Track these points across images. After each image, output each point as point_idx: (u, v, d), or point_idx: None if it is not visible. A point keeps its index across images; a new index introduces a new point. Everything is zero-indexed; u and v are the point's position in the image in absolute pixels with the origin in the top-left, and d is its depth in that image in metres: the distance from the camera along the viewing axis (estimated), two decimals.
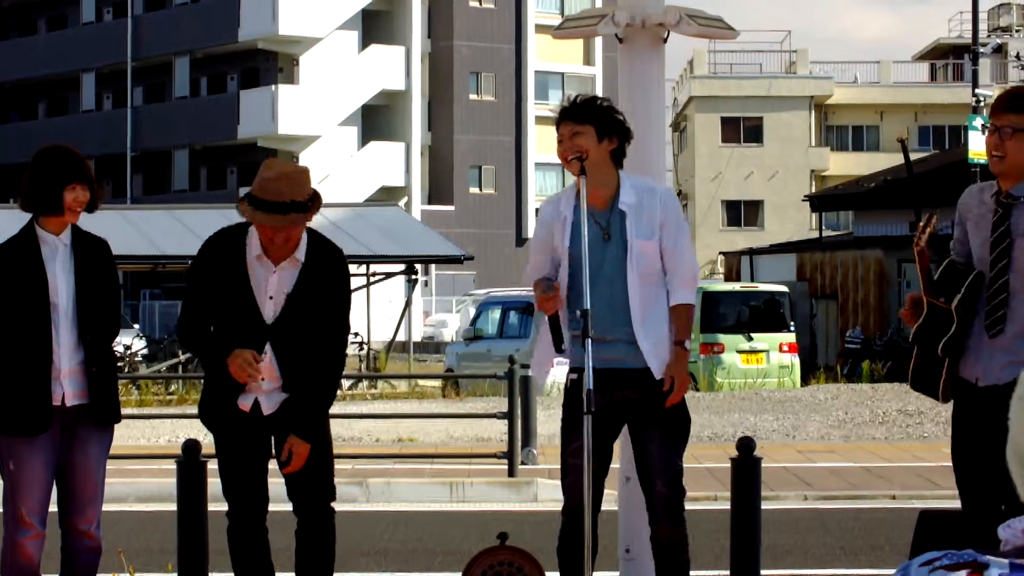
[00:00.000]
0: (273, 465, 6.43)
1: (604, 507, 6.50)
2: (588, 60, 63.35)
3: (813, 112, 65.94)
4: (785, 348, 27.17)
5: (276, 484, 6.47)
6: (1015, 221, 6.15)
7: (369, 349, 31.51)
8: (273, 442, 6.44)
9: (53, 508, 6.50)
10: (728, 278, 38.23)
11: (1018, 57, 55.64)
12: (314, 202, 6.26)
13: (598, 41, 59.80)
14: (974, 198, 6.38)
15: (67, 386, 6.35)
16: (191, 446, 7.43)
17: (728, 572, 7.45)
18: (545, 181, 62.21)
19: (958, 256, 6.46)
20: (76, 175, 6.38)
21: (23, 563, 6.39)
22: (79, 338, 6.35)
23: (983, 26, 53.18)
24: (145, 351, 34.23)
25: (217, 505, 7.44)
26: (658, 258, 6.40)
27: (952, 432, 6.34)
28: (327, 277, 6.35)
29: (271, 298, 6.30)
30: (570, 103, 6.45)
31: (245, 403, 6.36)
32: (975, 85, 34.45)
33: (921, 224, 6.33)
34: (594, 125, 6.36)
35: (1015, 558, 2.21)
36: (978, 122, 30.91)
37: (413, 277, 31.84)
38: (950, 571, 2.09)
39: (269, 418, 6.38)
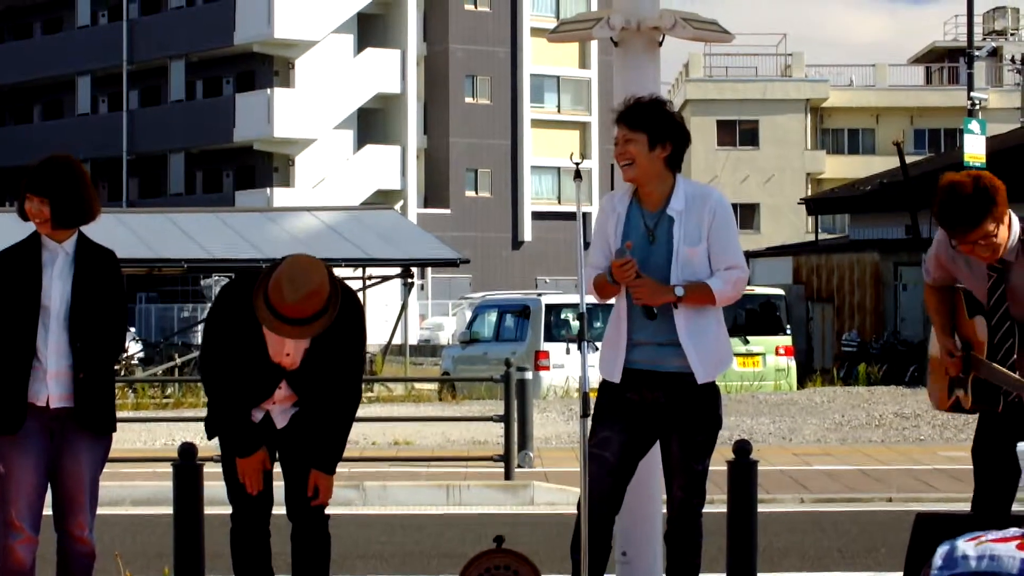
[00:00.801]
0: (276, 468, 6.43)
1: None
2: (583, 63, 63.34)
3: (809, 115, 66.02)
4: (781, 351, 27.18)
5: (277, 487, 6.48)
6: (1012, 281, 6.27)
7: (366, 353, 31.47)
8: (279, 454, 6.47)
9: (49, 512, 6.49)
10: None
11: (1013, 60, 55.71)
12: (332, 304, 6.14)
13: (593, 44, 59.59)
14: (956, 256, 6.44)
15: (52, 388, 6.33)
16: (187, 449, 7.43)
17: (725, 575, 7.46)
18: (541, 184, 62.20)
19: (933, 282, 6.60)
20: (30, 187, 6.39)
21: (14, 567, 6.37)
22: (69, 343, 6.34)
23: (978, 29, 53.22)
24: (141, 354, 34.22)
25: (213, 508, 7.44)
26: (706, 264, 6.36)
27: (977, 432, 6.49)
28: (343, 325, 6.29)
29: (288, 355, 6.31)
30: (628, 106, 6.42)
31: (256, 416, 6.38)
32: (970, 88, 34.48)
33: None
34: (647, 132, 6.33)
35: None
36: (974, 125, 30.93)
37: (409, 280, 31.82)
38: (998, 543, 2.09)
39: (280, 431, 6.43)
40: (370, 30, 59.60)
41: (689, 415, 6.37)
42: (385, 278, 32.55)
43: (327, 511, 6.50)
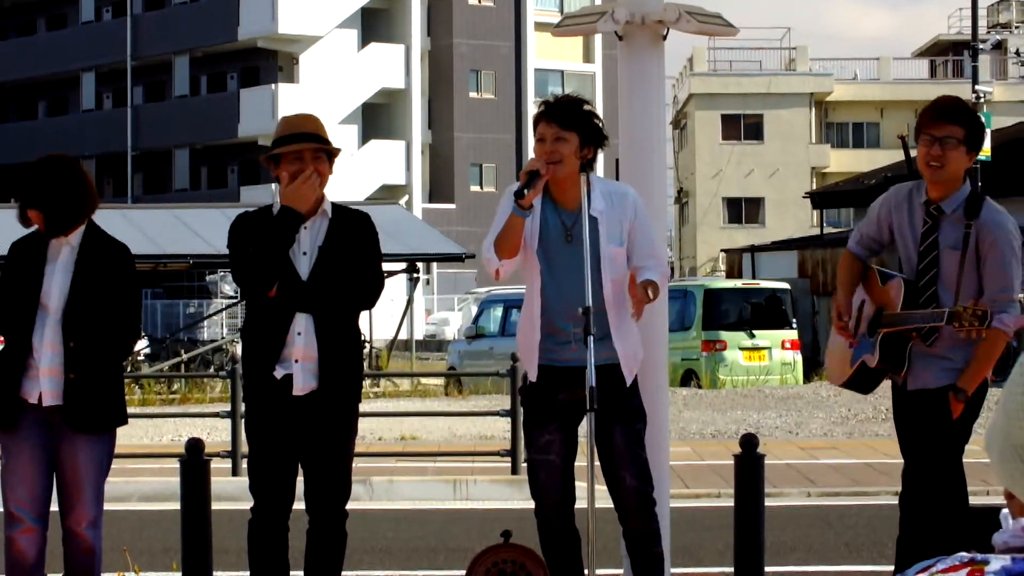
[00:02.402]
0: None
1: (601, 504, 6.48)
2: (588, 58, 63.31)
3: (813, 109, 65.94)
4: (787, 345, 27.17)
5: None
6: (943, 234, 6.30)
7: (371, 348, 31.53)
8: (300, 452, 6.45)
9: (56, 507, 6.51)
10: (730, 275, 38.24)
11: (1018, 53, 55.65)
12: (333, 150, 6.63)
13: (598, 39, 59.76)
14: (902, 202, 6.49)
15: (45, 386, 6.35)
16: (194, 445, 7.44)
17: (732, 569, 7.46)
18: None
19: (864, 250, 6.62)
20: (23, 199, 6.40)
21: (15, 557, 6.41)
22: (63, 342, 6.34)
23: (983, 22, 53.13)
24: (147, 350, 34.26)
25: (220, 504, 7.44)
26: (625, 261, 6.39)
27: (896, 429, 6.61)
28: (356, 230, 6.56)
29: (305, 254, 6.42)
30: (557, 102, 6.42)
31: (279, 372, 6.34)
32: (975, 81, 34.44)
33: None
34: (579, 133, 6.34)
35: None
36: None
37: (415, 276, 31.84)
38: (948, 572, 2.05)
39: (299, 404, 6.34)
40: (374, 25, 59.62)
41: (622, 406, 6.36)
42: (390, 273, 32.52)
43: (346, 507, 6.49)
